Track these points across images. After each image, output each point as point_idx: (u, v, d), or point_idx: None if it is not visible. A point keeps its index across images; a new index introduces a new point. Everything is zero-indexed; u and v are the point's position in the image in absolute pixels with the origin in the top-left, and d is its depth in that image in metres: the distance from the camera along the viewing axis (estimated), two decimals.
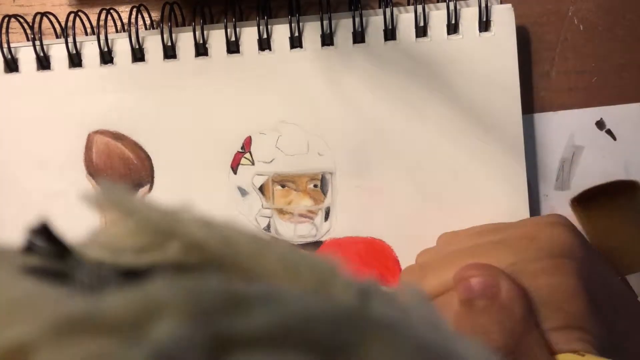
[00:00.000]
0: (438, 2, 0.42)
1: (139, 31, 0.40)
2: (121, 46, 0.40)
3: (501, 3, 0.40)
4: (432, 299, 0.31)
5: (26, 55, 0.40)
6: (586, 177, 0.41)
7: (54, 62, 0.40)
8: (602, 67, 0.41)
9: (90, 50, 0.40)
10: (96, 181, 0.39)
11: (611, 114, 0.41)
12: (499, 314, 0.27)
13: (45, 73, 0.40)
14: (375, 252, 0.39)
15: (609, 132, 0.41)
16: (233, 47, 0.40)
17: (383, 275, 0.39)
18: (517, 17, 0.39)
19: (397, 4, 0.41)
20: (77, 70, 0.40)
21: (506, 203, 0.39)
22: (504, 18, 0.39)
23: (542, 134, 0.41)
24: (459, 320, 0.28)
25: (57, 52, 0.40)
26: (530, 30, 0.42)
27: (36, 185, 0.39)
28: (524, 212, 0.39)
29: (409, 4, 0.41)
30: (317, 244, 0.39)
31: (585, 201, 0.41)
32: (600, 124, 0.42)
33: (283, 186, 0.39)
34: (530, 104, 0.41)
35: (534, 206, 0.40)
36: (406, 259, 0.39)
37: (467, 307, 0.28)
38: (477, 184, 0.39)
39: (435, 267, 0.32)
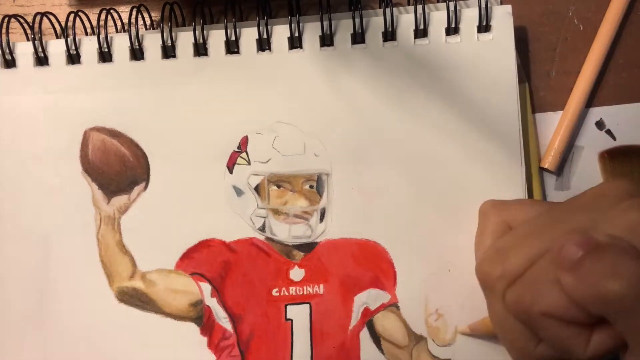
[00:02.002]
0: (438, 1, 0.41)
1: (139, 31, 0.40)
2: (120, 44, 0.40)
3: (501, 4, 0.40)
4: (520, 275, 0.30)
5: (24, 51, 0.40)
6: (586, 177, 0.40)
7: (51, 58, 0.40)
8: (602, 67, 0.41)
9: (88, 47, 0.40)
10: (91, 178, 0.39)
11: (611, 114, 0.41)
12: (612, 256, 0.27)
13: (43, 69, 0.40)
14: (369, 254, 0.39)
15: (608, 132, 0.41)
16: (232, 47, 0.40)
17: (377, 277, 0.38)
18: (517, 17, 0.39)
19: (397, 4, 0.41)
20: (74, 67, 0.40)
21: None
22: (502, 20, 0.39)
23: (542, 134, 0.41)
24: (572, 290, 0.27)
25: (55, 48, 0.40)
26: (530, 31, 0.42)
27: (31, 180, 0.39)
28: None
29: (409, 4, 0.41)
30: (311, 245, 0.39)
31: (614, 156, 0.40)
32: (600, 124, 0.41)
33: (279, 186, 0.39)
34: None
35: None
36: (401, 261, 0.38)
37: (575, 271, 0.27)
38: (475, 185, 0.38)
39: (514, 247, 0.31)
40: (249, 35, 0.40)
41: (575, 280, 0.27)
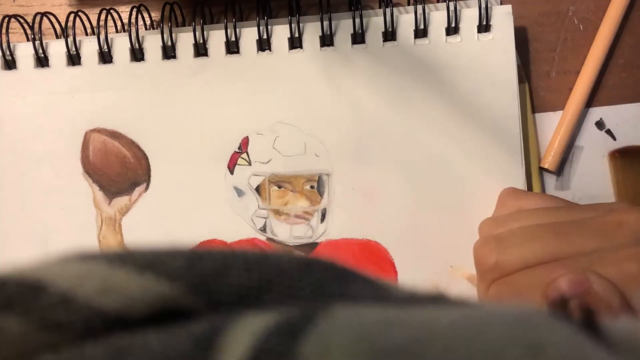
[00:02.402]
0: (438, 1, 0.41)
1: (139, 31, 0.40)
2: (120, 45, 0.40)
3: (501, 4, 0.40)
4: (511, 274, 0.30)
5: (24, 53, 0.40)
6: (586, 177, 0.41)
7: (52, 60, 0.40)
8: (602, 67, 0.41)
9: (89, 48, 0.40)
10: (92, 179, 0.39)
11: (611, 114, 0.41)
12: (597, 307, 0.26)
13: (43, 70, 0.40)
14: (371, 254, 0.39)
15: (609, 132, 0.41)
16: (232, 48, 0.40)
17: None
18: (517, 17, 0.39)
19: (397, 4, 0.41)
20: (75, 68, 0.40)
21: None
22: (503, 20, 0.39)
23: (542, 134, 0.41)
24: None
25: (56, 49, 0.40)
26: (530, 31, 0.42)
27: (32, 182, 0.39)
28: None
29: (409, 4, 0.41)
30: (312, 246, 0.39)
31: (625, 155, 0.40)
32: (600, 124, 0.41)
33: (279, 187, 0.39)
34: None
35: None
36: (402, 261, 0.38)
37: (560, 307, 0.27)
38: (475, 185, 0.38)
39: (514, 242, 0.31)
40: (249, 35, 0.40)
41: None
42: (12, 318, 0.13)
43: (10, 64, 0.40)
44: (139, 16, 0.40)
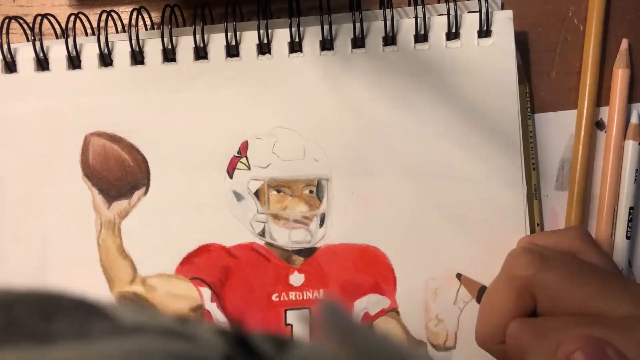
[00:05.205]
0: (439, 2, 0.41)
1: (139, 32, 0.40)
2: (120, 49, 0.40)
3: (502, 5, 0.40)
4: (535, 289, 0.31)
5: (25, 56, 0.40)
6: None
7: (52, 63, 0.40)
8: (602, 68, 0.41)
9: (89, 52, 0.40)
10: (92, 183, 0.39)
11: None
12: None
13: (44, 74, 0.40)
14: (369, 260, 0.39)
15: None
16: (232, 51, 0.40)
17: (377, 283, 0.38)
18: (517, 17, 0.39)
19: (398, 5, 0.41)
20: (75, 72, 0.40)
21: (504, 209, 0.38)
22: (503, 25, 0.39)
23: (542, 134, 0.41)
24: None
25: (56, 53, 0.40)
26: (531, 31, 0.41)
27: (32, 185, 0.39)
28: (520, 213, 0.38)
29: (409, 5, 0.40)
30: (311, 250, 0.39)
31: None
32: (600, 124, 0.41)
33: (279, 191, 0.39)
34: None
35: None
36: (401, 267, 0.38)
37: None
38: (475, 189, 0.38)
39: (556, 270, 0.31)
40: (249, 39, 0.40)
41: None
42: None
43: (11, 66, 0.40)
44: (139, 17, 0.40)
